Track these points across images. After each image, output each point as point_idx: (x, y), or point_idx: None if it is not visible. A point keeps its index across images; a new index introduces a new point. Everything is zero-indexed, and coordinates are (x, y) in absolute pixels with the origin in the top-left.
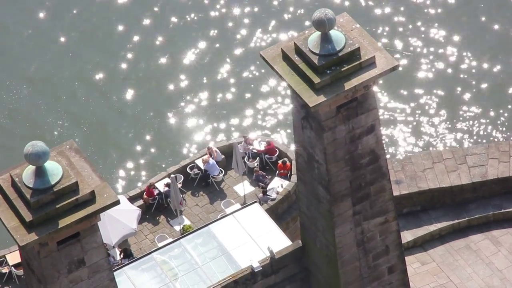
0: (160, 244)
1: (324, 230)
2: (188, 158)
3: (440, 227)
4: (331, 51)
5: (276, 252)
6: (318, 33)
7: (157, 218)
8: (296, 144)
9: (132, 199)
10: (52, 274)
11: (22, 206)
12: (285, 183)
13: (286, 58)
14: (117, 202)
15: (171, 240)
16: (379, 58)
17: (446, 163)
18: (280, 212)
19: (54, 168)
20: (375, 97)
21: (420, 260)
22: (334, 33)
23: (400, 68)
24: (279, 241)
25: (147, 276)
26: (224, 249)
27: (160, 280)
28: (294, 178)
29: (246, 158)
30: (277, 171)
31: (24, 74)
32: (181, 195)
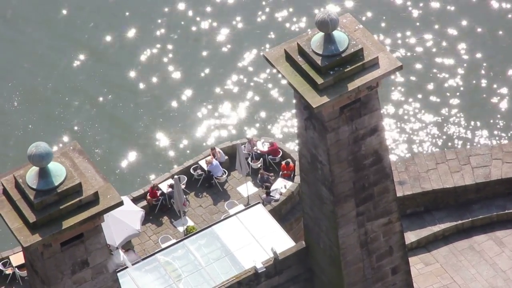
0: (163, 245)
1: (327, 231)
2: (192, 159)
3: (443, 227)
4: (334, 52)
5: (280, 253)
6: (321, 34)
7: (160, 219)
8: (299, 145)
9: (135, 200)
10: (55, 275)
11: (25, 207)
12: (288, 184)
13: (289, 58)
14: (120, 203)
15: (174, 241)
16: (382, 59)
17: (450, 163)
18: (283, 213)
19: (58, 169)
20: (378, 97)
21: (424, 260)
22: (337, 33)
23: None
24: (282, 242)
25: (150, 277)
26: (228, 250)
27: (164, 281)
28: (297, 179)
29: (249, 159)
30: (280, 172)
31: (27, 78)
32: (184, 196)
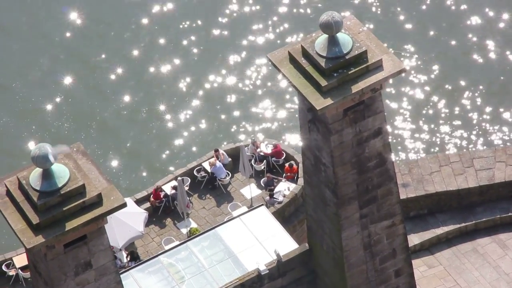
0: (166, 247)
1: (331, 233)
2: (195, 161)
3: (447, 230)
4: (338, 54)
5: (283, 255)
6: (325, 36)
7: (164, 221)
8: (303, 147)
9: (139, 202)
10: (59, 276)
11: (29, 209)
12: (292, 186)
13: (293, 60)
14: (124, 205)
15: (178, 243)
16: (386, 61)
17: (453, 166)
18: (287, 215)
19: (61, 171)
20: (382, 100)
21: (427, 263)
22: (341, 36)
23: (408, 71)
24: (286, 244)
25: (153, 279)
26: (231, 252)
27: (167, 283)
28: (301, 181)
29: (253, 161)
30: (284, 174)
31: (29, 76)
32: (188, 198)
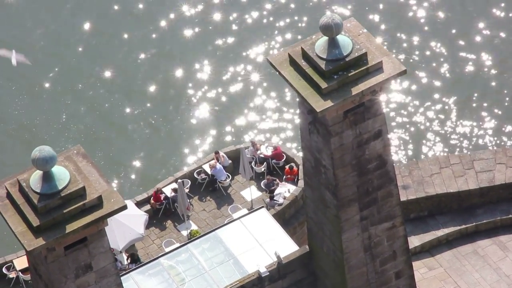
0: (167, 249)
1: (331, 235)
2: (195, 163)
3: (447, 232)
4: (338, 56)
5: (283, 257)
6: (325, 38)
7: (164, 223)
8: (303, 149)
9: (139, 204)
10: (59, 279)
11: (29, 211)
12: (292, 188)
13: (293, 63)
14: (124, 207)
15: (178, 245)
16: (386, 63)
17: (454, 168)
18: (287, 217)
19: (62, 173)
20: (382, 102)
21: (428, 265)
22: (341, 38)
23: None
24: (286, 246)
25: (154, 281)
26: (231, 254)
27: (167, 285)
28: (301, 183)
29: (253, 163)
30: (284, 176)
31: (30, 81)
32: (188, 200)
